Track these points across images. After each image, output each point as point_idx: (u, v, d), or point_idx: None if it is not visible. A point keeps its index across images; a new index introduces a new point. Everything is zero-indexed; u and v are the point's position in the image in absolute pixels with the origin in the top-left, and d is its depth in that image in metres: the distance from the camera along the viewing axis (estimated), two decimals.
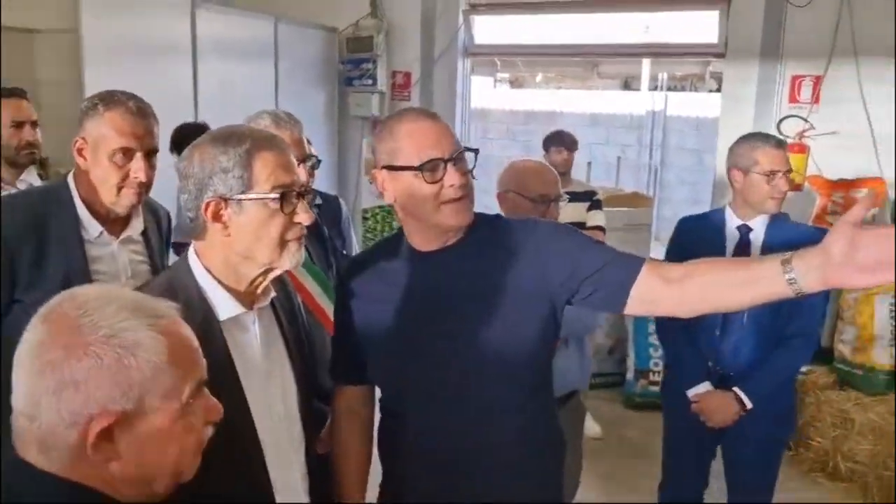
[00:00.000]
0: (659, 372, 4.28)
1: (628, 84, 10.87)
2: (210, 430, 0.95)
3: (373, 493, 1.66)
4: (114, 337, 0.85)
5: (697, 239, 2.41)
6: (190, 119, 3.88)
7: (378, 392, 1.65)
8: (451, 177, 1.39)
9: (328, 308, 1.89)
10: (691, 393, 2.36)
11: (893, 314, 3.66)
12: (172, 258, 1.98)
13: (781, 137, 2.45)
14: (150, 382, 0.86)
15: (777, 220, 2.37)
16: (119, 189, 1.74)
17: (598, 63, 9.64)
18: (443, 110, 5.34)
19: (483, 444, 1.47)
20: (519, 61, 8.24)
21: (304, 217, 1.27)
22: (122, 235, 1.83)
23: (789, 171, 2.31)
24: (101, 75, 3.24)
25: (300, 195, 1.27)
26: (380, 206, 5.32)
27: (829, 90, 4.36)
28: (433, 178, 1.38)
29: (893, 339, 3.69)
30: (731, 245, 2.37)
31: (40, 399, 0.84)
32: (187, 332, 0.93)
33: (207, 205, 1.22)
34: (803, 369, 3.87)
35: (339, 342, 1.61)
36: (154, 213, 1.99)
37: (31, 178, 2.74)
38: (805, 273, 1.14)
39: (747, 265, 1.27)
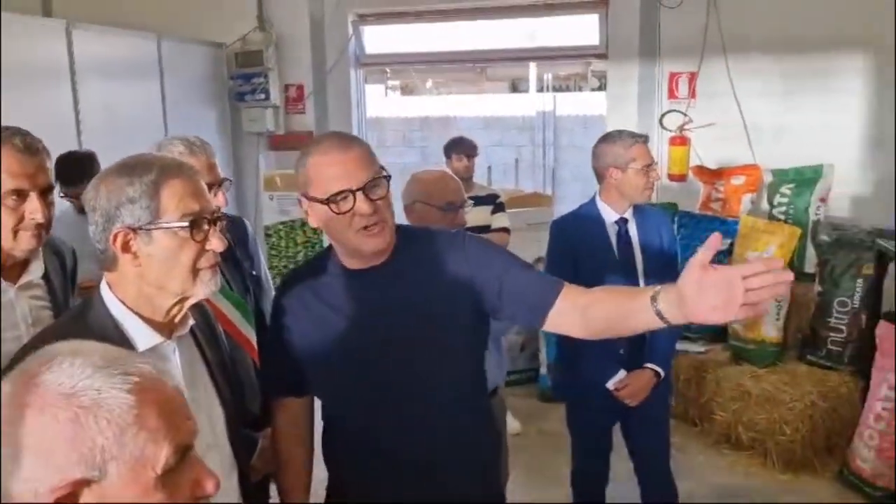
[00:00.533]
0: None
1: (516, 86, 11.15)
2: None
3: (318, 497, 1.69)
4: (73, 396, 0.75)
5: (582, 237, 2.56)
6: (73, 145, 3.69)
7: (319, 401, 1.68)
8: (361, 206, 1.42)
9: (249, 333, 1.87)
10: (612, 383, 2.48)
11: None
12: None
13: (642, 133, 2.69)
14: (115, 448, 0.76)
15: (638, 207, 2.59)
16: (15, 233, 1.61)
17: (486, 67, 9.84)
18: (338, 121, 5.32)
19: (426, 447, 1.53)
20: (411, 68, 8.30)
21: (216, 244, 1.25)
22: (21, 281, 1.69)
23: (655, 163, 2.58)
24: None
25: (211, 222, 1.25)
26: (282, 223, 5.23)
27: (704, 85, 4.66)
28: (340, 209, 1.43)
29: (779, 314, 3.98)
30: (614, 238, 2.55)
31: (5, 466, 0.75)
32: (166, 392, 0.82)
33: (115, 236, 1.20)
34: (702, 349, 4.14)
35: (277, 357, 1.63)
36: (57, 252, 1.85)
37: None
38: (667, 308, 1.27)
39: (633, 297, 1.39)
